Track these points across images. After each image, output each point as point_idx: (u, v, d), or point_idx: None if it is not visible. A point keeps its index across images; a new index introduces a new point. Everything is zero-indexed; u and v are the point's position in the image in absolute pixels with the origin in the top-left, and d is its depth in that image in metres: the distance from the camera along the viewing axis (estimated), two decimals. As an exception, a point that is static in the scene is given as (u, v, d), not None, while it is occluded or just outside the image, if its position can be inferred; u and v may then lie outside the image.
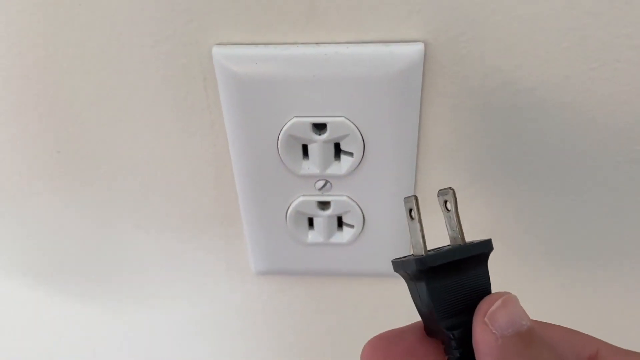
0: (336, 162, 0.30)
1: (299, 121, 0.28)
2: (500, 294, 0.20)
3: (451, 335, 0.20)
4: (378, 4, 0.26)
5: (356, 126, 0.28)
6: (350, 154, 0.29)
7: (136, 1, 0.27)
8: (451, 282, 0.20)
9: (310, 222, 0.33)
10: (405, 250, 0.33)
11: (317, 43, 0.27)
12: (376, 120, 0.28)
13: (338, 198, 0.31)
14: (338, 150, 0.30)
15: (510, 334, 0.18)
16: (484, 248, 0.21)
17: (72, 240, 0.37)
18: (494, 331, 0.19)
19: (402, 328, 0.22)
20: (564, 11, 0.25)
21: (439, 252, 0.21)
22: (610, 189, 0.31)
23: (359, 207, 0.31)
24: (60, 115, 0.31)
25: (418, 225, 0.21)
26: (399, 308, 0.37)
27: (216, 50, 0.27)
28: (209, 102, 0.30)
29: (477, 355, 0.19)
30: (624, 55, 0.26)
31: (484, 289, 0.21)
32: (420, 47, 0.26)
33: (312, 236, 0.33)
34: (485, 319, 0.19)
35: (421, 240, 0.21)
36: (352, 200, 0.31)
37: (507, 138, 0.29)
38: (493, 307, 0.19)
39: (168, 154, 0.32)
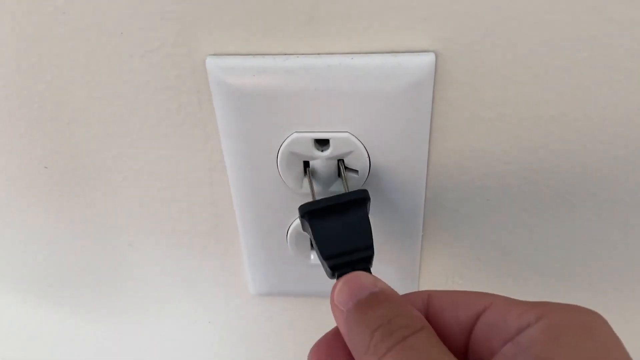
0: (339, 180, 0.28)
1: (300, 136, 0.26)
2: (346, 276, 0.22)
3: (330, 273, 0.23)
4: (384, 10, 0.24)
5: (361, 142, 0.26)
6: (355, 172, 0.27)
7: (123, 9, 0.25)
8: (332, 223, 0.24)
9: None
10: (411, 275, 0.31)
11: (319, 53, 0.25)
12: (383, 136, 0.26)
13: (342, 217, 0.29)
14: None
15: (352, 306, 0.21)
16: (356, 195, 0.25)
17: (62, 257, 0.36)
18: (341, 308, 0.21)
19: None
20: (584, 18, 0.23)
21: (317, 200, 0.25)
22: (636, 206, 0.29)
23: (364, 227, 0.29)
24: (47, 129, 0.29)
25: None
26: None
27: (210, 61, 0.25)
28: (202, 117, 0.28)
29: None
30: (649, 65, 0.24)
31: (364, 231, 0.24)
32: (431, 57, 0.24)
33: (315, 257, 0.31)
34: (334, 301, 0.22)
35: (312, 197, 0.27)
36: (357, 219, 0.29)
37: (524, 152, 0.28)
38: (337, 289, 0.22)
39: (160, 170, 0.30)
